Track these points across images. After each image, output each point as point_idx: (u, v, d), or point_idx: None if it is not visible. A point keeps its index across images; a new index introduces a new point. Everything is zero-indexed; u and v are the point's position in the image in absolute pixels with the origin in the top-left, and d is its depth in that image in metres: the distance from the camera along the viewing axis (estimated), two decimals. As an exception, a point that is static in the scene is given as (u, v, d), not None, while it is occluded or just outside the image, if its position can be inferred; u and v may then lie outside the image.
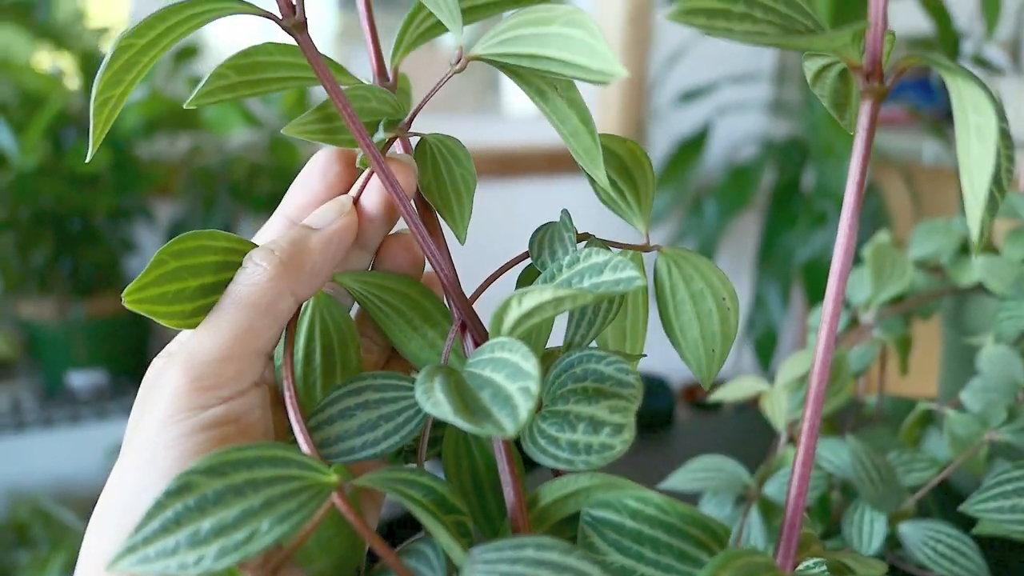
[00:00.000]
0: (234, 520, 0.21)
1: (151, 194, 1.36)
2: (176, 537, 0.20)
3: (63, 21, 1.32)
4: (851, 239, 0.25)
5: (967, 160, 0.22)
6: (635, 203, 0.32)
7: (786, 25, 0.23)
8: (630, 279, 0.26)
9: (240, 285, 0.27)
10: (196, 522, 0.21)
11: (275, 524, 0.21)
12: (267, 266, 0.27)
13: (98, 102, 0.27)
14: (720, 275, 0.31)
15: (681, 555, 0.25)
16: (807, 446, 0.25)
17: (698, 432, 0.77)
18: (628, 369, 0.26)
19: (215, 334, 0.26)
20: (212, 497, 0.21)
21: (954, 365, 0.59)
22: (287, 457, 0.23)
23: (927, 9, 1.31)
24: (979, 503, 0.39)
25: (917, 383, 0.71)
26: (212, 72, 0.28)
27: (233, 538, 0.21)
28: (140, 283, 0.26)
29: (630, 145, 0.32)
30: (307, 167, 0.30)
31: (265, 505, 0.21)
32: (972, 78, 0.21)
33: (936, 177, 1.68)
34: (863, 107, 0.25)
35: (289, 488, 0.22)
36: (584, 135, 0.30)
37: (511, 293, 0.24)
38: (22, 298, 1.28)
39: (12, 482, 1.44)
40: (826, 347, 0.25)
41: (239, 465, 0.22)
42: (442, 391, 0.23)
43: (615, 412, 0.25)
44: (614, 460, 0.25)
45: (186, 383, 0.25)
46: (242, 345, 0.26)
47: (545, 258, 0.30)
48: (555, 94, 0.30)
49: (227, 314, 0.26)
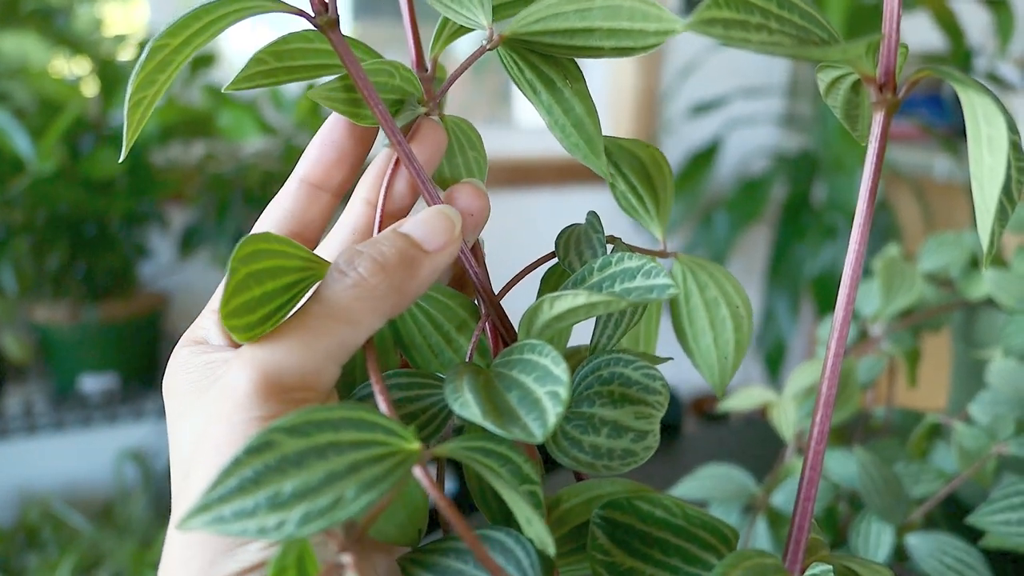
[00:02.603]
0: (318, 484, 0.19)
1: (165, 200, 1.37)
2: (255, 498, 0.19)
3: (81, 29, 1.34)
4: (862, 247, 0.25)
5: (978, 171, 0.22)
6: (654, 209, 0.32)
7: (801, 36, 0.23)
8: (664, 287, 0.25)
9: (339, 295, 0.25)
10: (277, 483, 0.19)
11: (361, 491, 0.19)
12: (374, 281, 0.25)
13: (132, 102, 0.26)
14: (734, 283, 0.31)
15: (689, 557, 0.25)
16: (816, 450, 0.25)
17: (706, 442, 0.77)
18: (655, 375, 0.26)
19: (304, 347, 0.24)
20: (294, 458, 0.19)
21: (963, 378, 0.59)
22: (372, 420, 0.21)
23: (940, 25, 1.31)
24: (986, 515, 0.39)
25: (926, 396, 0.71)
26: (251, 57, 0.27)
27: (318, 503, 0.19)
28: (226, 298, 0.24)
29: (652, 151, 0.32)
30: (318, 136, 0.29)
31: (351, 469, 0.20)
32: (984, 90, 0.22)
33: (947, 193, 1.68)
34: (875, 118, 0.25)
35: (374, 453, 0.20)
36: (588, 125, 0.30)
37: (544, 296, 0.24)
38: (36, 302, 1.29)
39: (23, 485, 1.45)
40: (836, 351, 0.25)
41: (324, 426, 0.20)
42: (470, 391, 0.22)
43: (640, 418, 0.25)
44: (636, 467, 0.25)
45: (264, 390, 0.24)
46: (333, 360, 0.25)
47: (572, 259, 0.30)
48: (565, 84, 0.30)
49: (321, 326, 0.24)
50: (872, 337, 0.57)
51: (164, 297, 1.39)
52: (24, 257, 1.23)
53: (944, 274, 0.59)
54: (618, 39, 0.26)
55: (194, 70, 1.28)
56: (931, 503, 0.45)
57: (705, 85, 1.80)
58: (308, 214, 0.29)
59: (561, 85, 0.30)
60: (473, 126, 0.32)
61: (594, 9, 0.26)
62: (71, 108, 1.14)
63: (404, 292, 0.25)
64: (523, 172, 1.80)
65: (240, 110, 1.27)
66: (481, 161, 0.31)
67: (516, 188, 1.79)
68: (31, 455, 1.46)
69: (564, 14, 0.27)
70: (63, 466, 1.48)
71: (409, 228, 0.27)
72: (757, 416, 0.79)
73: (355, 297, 0.25)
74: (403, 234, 0.26)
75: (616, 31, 0.26)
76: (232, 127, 1.27)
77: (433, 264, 0.26)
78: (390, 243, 0.26)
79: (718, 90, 1.79)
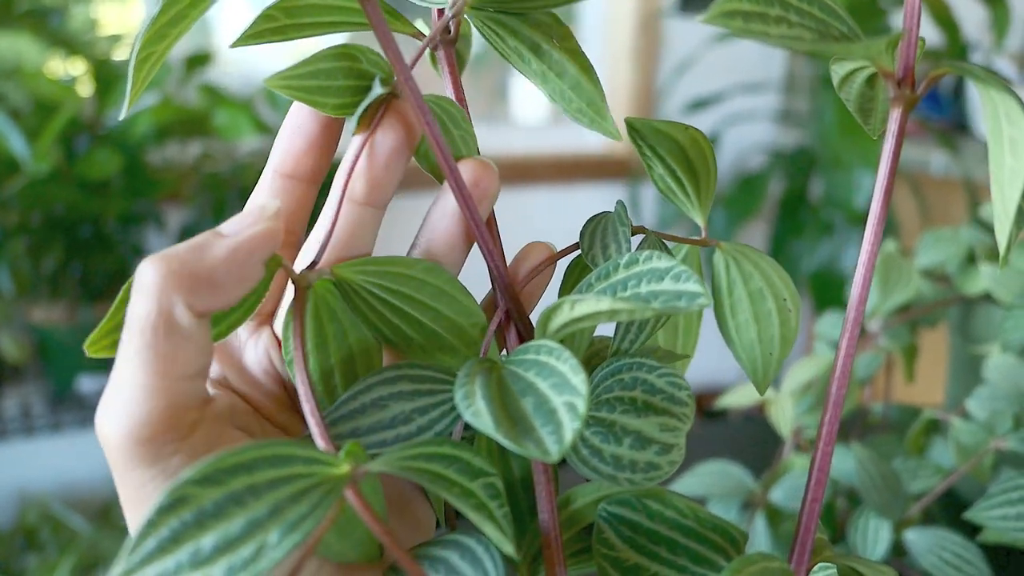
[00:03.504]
0: (239, 533, 0.19)
1: (161, 200, 1.37)
2: (176, 557, 0.18)
3: (76, 29, 1.34)
4: (875, 246, 0.24)
5: (999, 172, 0.21)
6: (695, 195, 0.30)
7: (821, 30, 0.23)
8: (693, 295, 0.23)
9: (132, 304, 0.23)
10: (196, 539, 0.18)
11: (286, 534, 0.19)
12: (152, 275, 0.22)
13: (140, 57, 0.25)
14: (782, 274, 0.29)
15: (697, 558, 0.25)
16: (824, 450, 0.24)
17: (704, 439, 0.77)
18: (681, 384, 0.25)
19: (129, 374, 0.23)
20: (211, 509, 0.19)
21: (961, 373, 0.59)
22: (288, 454, 0.20)
23: (936, 20, 1.31)
24: (984, 510, 0.39)
25: (923, 391, 0.71)
26: (260, 14, 0.26)
27: (240, 555, 0.18)
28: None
29: (692, 133, 0.30)
30: (284, 125, 0.28)
31: (272, 513, 0.19)
32: (1007, 89, 0.21)
33: (944, 188, 1.68)
34: (893, 114, 0.24)
35: (296, 489, 0.20)
36: (586, 85, 0.28)
37: (565, 297, 0.23)
38: (33, 303, 1.29)
39: (21, 486, 1.44)
40: (847, 351, 0.24)
41: (237, 470, 0.19)
42: (483, 397, 0.21)
43: (665, 431, 0.24)
44: (660, 481, 0.24)
45: (123, 437, 0.22)
46: (159, 378, 0.23)
47: (596, 252, 0.28)
48: (552, 45, 0.28)
49: (131, 344, 0.23)
50: (869, 333, 0.57)
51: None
52: (20, 258, 1.23)
53: (941, 270, 0.59)
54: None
55: (189, 69, 1.28)
56: (929, 499, 0.45)
57: (702, 81, 1.80)
58: (286, 206, 0.28)
59: (548, 47, 0.28)
60: (455, 103, 0.29)
61: None
62: (66, 109, 1.14)
63: (196, 278, 0.23)
64: (521, 169, 1.80)
65: (236, 109, 1.26)
66: (468, 139, 0.29)
67: (514, 185, 1.79)
68: (29, 456, 1.46)
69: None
70: (61, 467, 1.48)
71: (221, 226, 0.25)
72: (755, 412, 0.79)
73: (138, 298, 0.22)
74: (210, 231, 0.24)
75: None
76: (228, 126, 1.27)
77: (229, 246, 0.23)
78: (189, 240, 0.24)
79: (715, 86, 1.79)
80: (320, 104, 0.27)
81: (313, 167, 0.28)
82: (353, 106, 0.27)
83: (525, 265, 0.29)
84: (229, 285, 0.23)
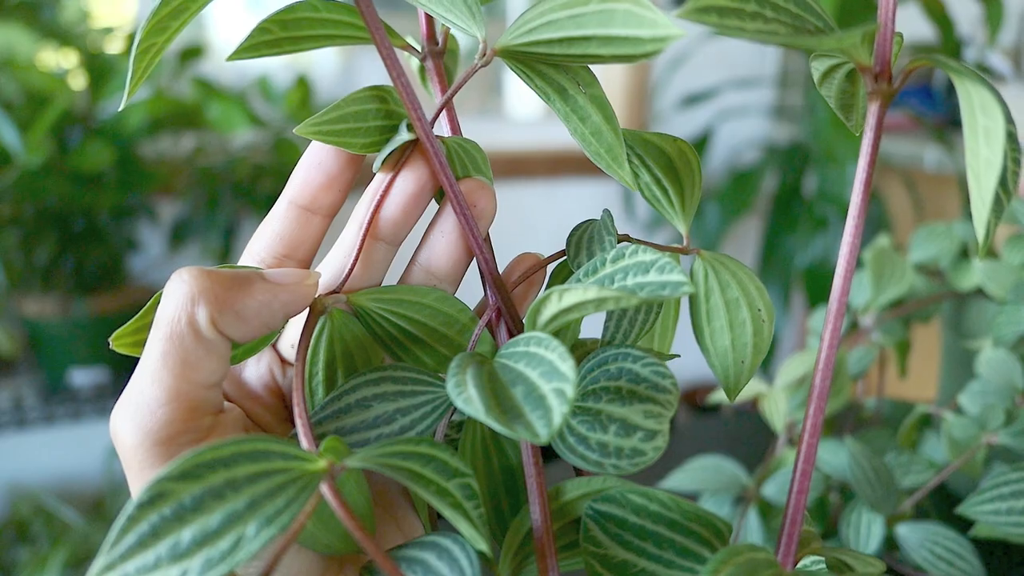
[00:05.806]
0: (217, 527, 0.19)
1: (154, 193, 1.36)
2: (155, 551, 0.19)
3: (68, 20, 1.33)
4: (857, 239, 0.25)
5: (975, 162, 0.22)
6: (679, 204, 0.31)
7: (796, 25, 0.23)
8: (677, 284, 0.24)
9: (164, 307, 0.24)
10: (175, 532, 0.19)
11: (263, 527, 0.19)
12: (190, 283, 0.24)
13: (141, 48, 0.25)
14: (758, 285, 0.30)
15: (683, 551, 0.25)
16: (810, 443, 0.25)
17: (697, 434, 0.77)
18: (665, 373, 0.25)
19: (152, 375, 0.24)
20: (190, 503, 0.19)
21: (953, 368, 0.59)
22: (267, 449, 0.21)
23: (930, 16, 1.31)
24: (976, 505, 0.39)
25: (916, 386, 0.71)
26: (255, 27, 0.26)
27: (218, 547, 0.19)
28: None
29: (680, 144, 0.31)
30: (305, 158, 0.29)
31: (250, 507, 0.19)
32: (981, 81, 0.21)
33: (938, 183, 1.68)
34: (871, 108, 0.25)
35: (274, 483, 0.20)
36: (607, 133, 0.29)
37: (553, 288, 0.23)
38: (25, 295, 1.28)
39: (13, 479, 1.44)
40: (831, 343, 0.25)
41: (215, 465, 0.20)
42: (475, 386, 0.22)
43: (649, 417, 0.25)
44: (645, 467, 0.25)
45: (142, 437, 0.23)
46: (183, 382, 0.24)
47: (582, 259, 0.29)
48: (577, 91, 0.29)
49: (159, 346, 0.24)
50: (862, 328, 0.57)
51: (154, 291, 1.38)
52: (13, 250, 1.22)
53: (934, 265, 0.60)
54: (615, 46, 0.24)
55: (183, 62, 1.28)
56: (921, 493, 0.46)
57: (695, 76, 1.80)
58: (298, 237, 0.29)
59: (574, 92, 0.29)
60: (477, 145, 0.30)
61: (587, 15, 0.25)
62: (59, 101, 1.13)
63: (227, 301, 0.24)
64: (514, 164, 1.80)
65: (229, 102, 1.26)
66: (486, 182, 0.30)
67: (507, 180, 1.79)
68: (21, 449, 1.45)
69: (558, 21, 0.26)
70: (54, 460, 1.47)
71: (270, 272, 0.26)
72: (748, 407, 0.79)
73: (171, 303, 0.24)
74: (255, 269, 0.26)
75: (612, 38, 0.24)
76: (221, 119, 1.27)
77: (269, 289, 0.25)
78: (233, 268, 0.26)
79: (708, 81, 1.79)
80: (349, 144, 0.28)
81: (330, 203, 0.29)
82: (380, 144, 0.28)
83: (516, 274, 0.30)
84: (253, 323, 0.25)
